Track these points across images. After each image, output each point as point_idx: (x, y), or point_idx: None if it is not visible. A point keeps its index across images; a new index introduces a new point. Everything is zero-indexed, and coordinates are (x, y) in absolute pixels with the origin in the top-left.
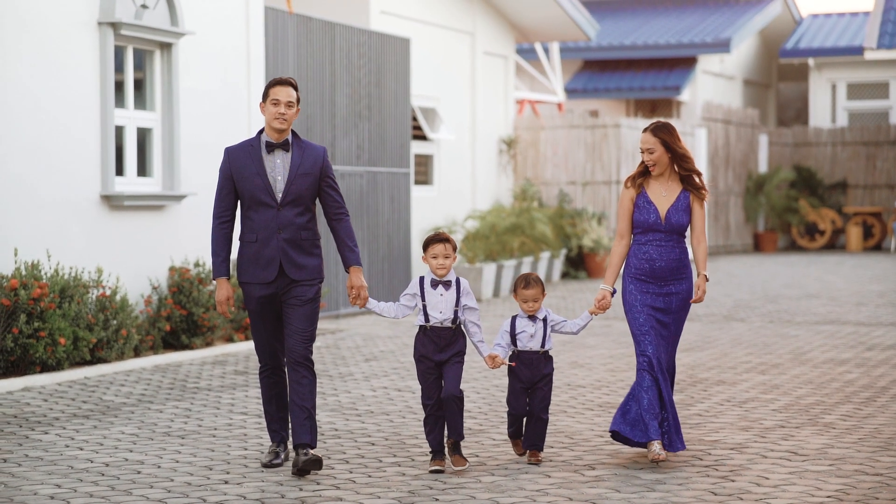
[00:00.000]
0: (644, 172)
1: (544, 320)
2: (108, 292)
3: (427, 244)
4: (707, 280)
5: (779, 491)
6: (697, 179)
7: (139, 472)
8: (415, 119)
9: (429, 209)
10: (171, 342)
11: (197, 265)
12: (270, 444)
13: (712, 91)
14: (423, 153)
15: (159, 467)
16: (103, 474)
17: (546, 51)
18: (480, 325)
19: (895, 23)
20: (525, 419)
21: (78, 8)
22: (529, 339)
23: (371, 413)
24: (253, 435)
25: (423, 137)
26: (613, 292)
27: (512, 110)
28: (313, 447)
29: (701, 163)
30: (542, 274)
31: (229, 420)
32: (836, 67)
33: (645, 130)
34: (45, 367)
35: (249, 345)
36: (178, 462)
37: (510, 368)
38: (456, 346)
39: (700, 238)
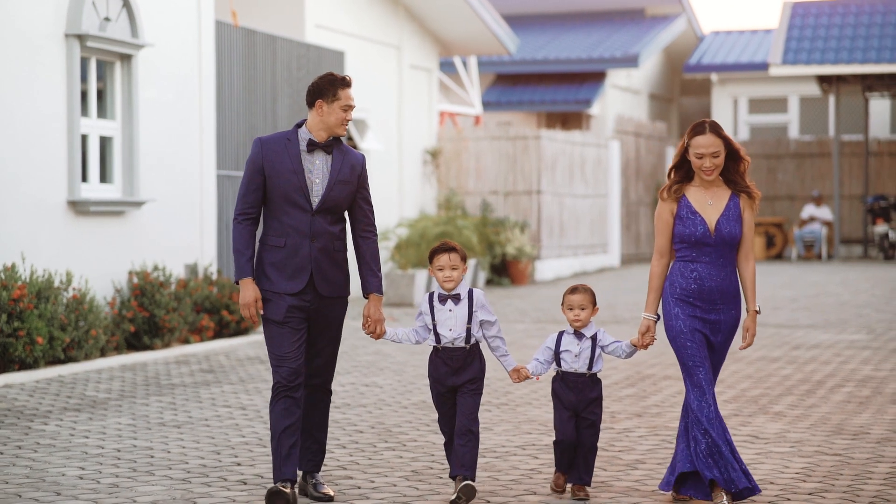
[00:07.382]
0: (681, 180)
1: (593, 338)
2: (78, 294)
3: (432, 255)
4: (758, 313)
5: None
6: (745, 181)
7: (153, 457)
8: None
9: None
10: (133, 343)
11: (156, 269)
12: (277, 482)
13: (620, 105)
14: None
15: (169, 452)
16: (119, 458)
17: (464, 64)
18: (504, 339)
19: (798, 40)
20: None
21: (46, 20)
22: (574, 359)
23: (348, 405)
24: (245, 425)
25: (352, 147)
26: (657, 319)
27: (435, 122)
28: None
29: (614, 175)
30: (468, 280)
31: (216, 412)
32: (737, 83)
33: (700, 132)
34: (23, 365)
35: (206, 346)
36: (184, 448)
37: (553, 391)
38: (471, 371)
39: (748, 255)
